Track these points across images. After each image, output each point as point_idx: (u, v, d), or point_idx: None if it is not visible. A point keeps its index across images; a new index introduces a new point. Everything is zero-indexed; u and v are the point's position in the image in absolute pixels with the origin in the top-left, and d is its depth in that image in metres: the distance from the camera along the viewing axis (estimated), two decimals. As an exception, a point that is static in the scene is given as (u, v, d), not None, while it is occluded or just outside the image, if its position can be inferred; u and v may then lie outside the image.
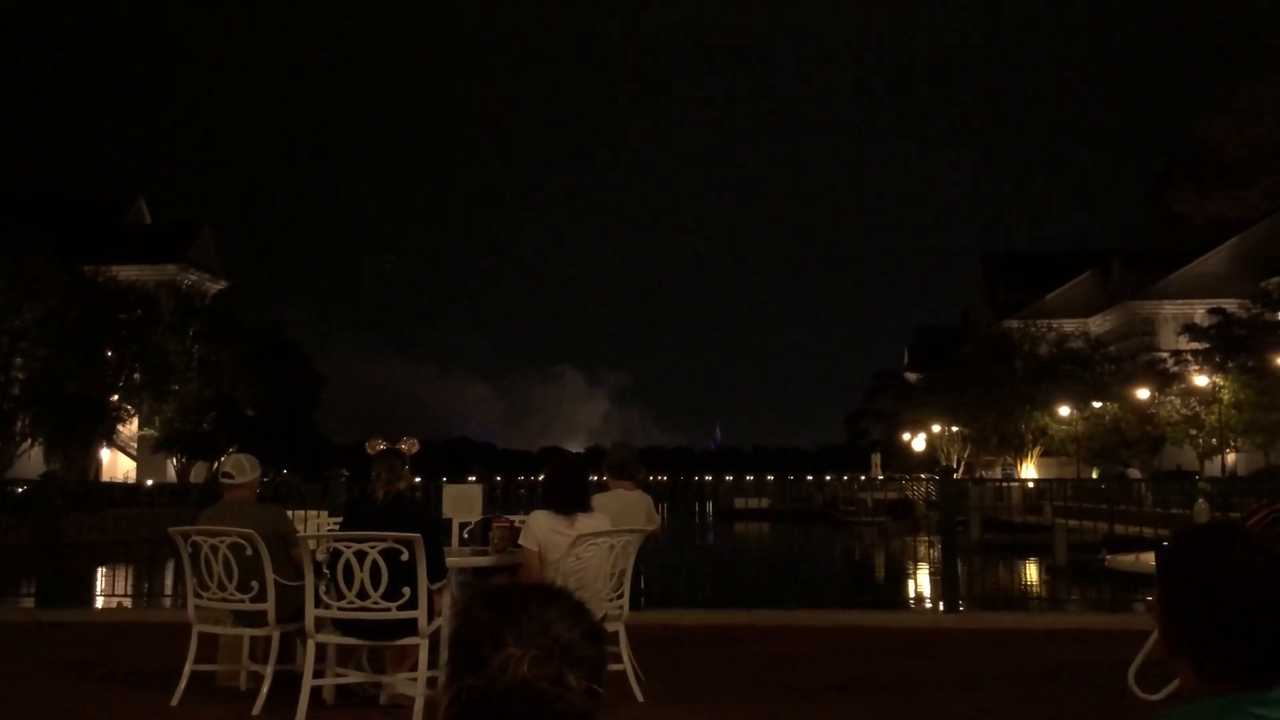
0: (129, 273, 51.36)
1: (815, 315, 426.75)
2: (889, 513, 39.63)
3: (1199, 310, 49.63)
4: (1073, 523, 27.19)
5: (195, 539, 5.94)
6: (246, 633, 6.04)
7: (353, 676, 5.82)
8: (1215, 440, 43.78)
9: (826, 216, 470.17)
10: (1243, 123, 36.67)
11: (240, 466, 6.40)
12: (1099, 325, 62.10)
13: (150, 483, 37.13)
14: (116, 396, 46.66)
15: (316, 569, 5.52)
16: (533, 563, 5.67)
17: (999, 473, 53.73)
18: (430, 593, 5.31)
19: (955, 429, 58.42)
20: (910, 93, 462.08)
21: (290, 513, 7.03)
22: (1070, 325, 58.36)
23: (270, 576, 5.77)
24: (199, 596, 5.98)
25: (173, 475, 49.30)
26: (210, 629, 6.08)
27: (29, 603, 10.29)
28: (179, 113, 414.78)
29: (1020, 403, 51.70)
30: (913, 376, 75.43)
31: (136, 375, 47.29)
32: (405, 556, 5.24)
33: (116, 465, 52.99)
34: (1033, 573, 26.86)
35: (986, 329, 65.03)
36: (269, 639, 5.81)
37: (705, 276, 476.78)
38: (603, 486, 6.94)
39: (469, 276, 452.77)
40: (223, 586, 5.84)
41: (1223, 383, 42.72)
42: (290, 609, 5.74)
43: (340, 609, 5.36)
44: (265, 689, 5.63)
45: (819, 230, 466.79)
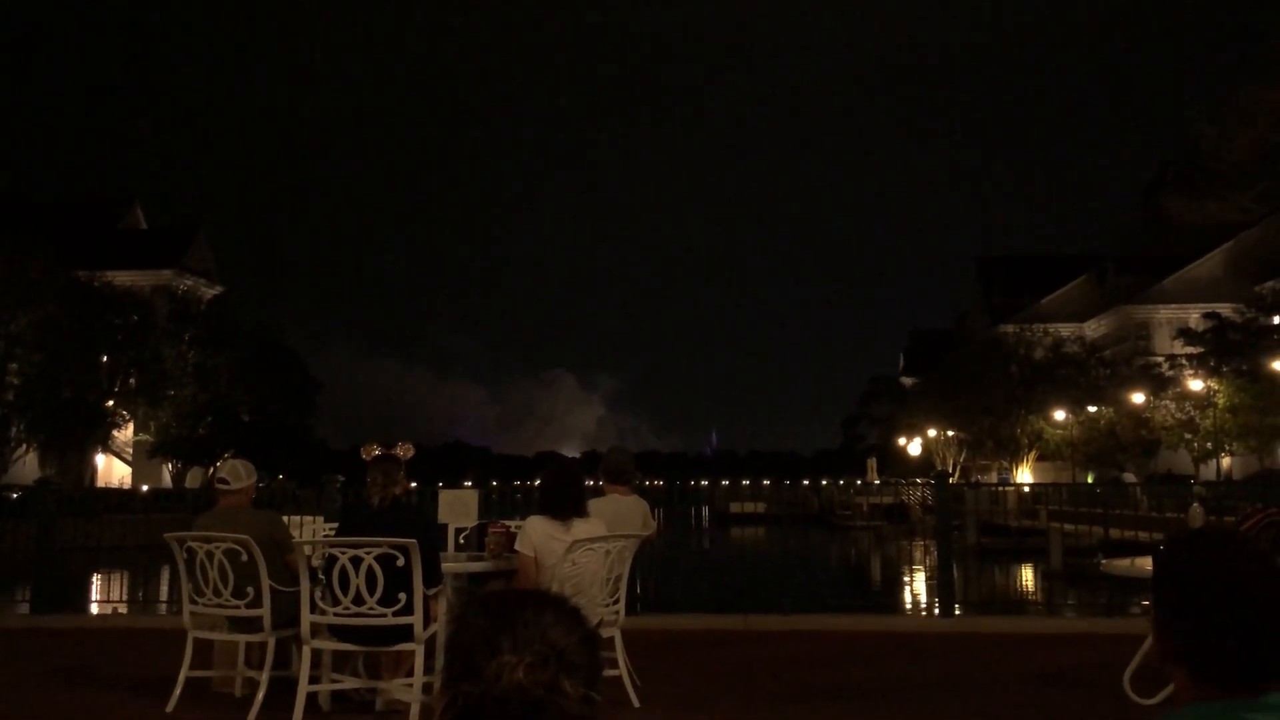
0: (124, 278, 51.31)
1: (811, 319, 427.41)
2: (885, 517, 39.49)
3: (1194, 314, 49.65)
4: (1068, 527, 27.25)
5: (191, 545, 5.93)
6: (242, 638, 6.03)
7: (348, 682, 5.81)
8: (1210, 444, 43.82)
9: (822, 220, 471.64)
10: (1236, 127, 36.71)
11: (236, 472, 6.40)
12: (1094, 329, 62.18)
13: (146, 488, 36.94)
14: (112, 401, 46.60)
15: (312, 574, 5.50)
16: (529, 568, 5.67)
17: (994, 477, 53.70)
18: (426, 598, 5.31)
19: (951, 433, 58.47)
20: (907, 96, 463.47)
21: (286, 518, 7.03)
22: (1065, 329, 58.52)
23: (266, 582, 5.77)
24: (194, 602, 5.97)
25: (168, 480, 49.20)
26: (206, 635, 6.07)
27: (24, 609, 10.27)
28: (174, 118, 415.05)
29: (1015, 407, 51.77)
30: (908, 381, 75.57)
31: (132, 380, 47.23)
32: (401, 562, 5.24)
33: (112, 470, 52.87)
34: (1028, 577, 26.86)
35: (982, 333, 65.15)
36: (264, 645, 5.80)
37: (700, 280, 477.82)
38: (598, 491, 6.94)
39: (463, 280, 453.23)
40: (218, 592, 5.84)
41: (1217, 387, 42.78)
42: (286, 614, 5.73)
43: (336, 614, 5.35)
44: (261, 695, 5.62)
45: (814, 234, 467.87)
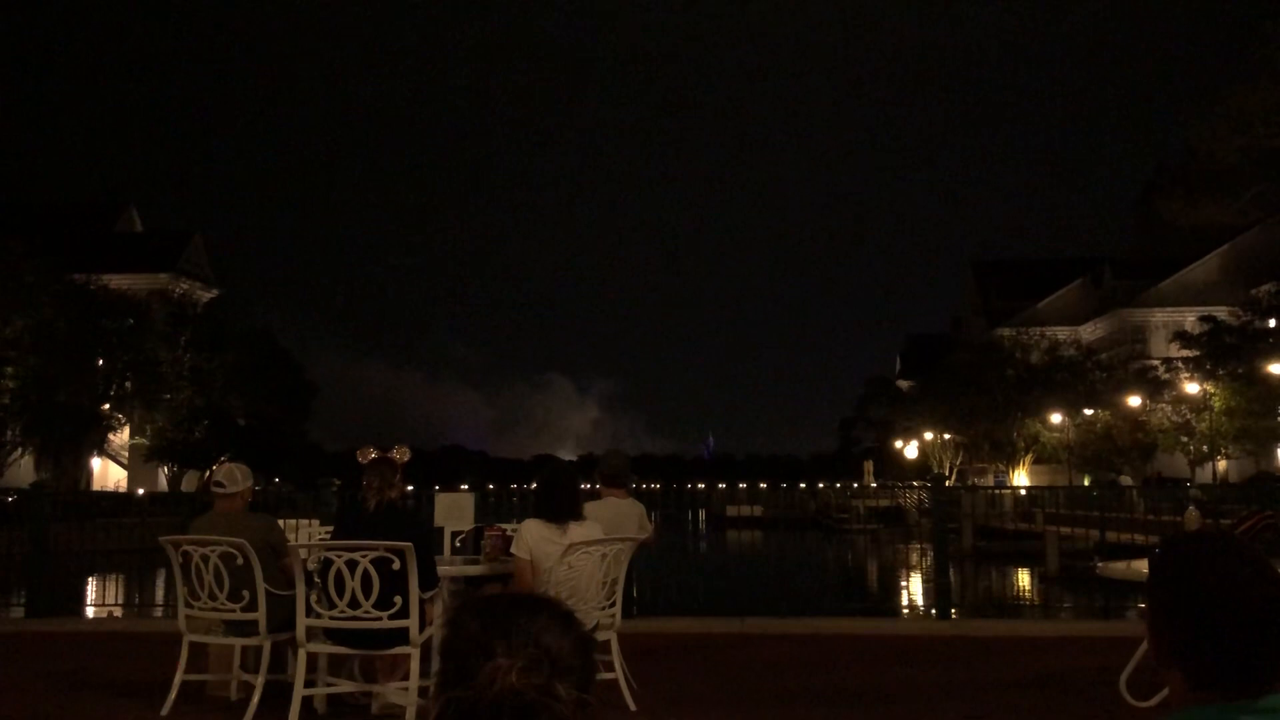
0: (120, 281, 51.31)
1: (807, 322, 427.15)
2: (881, 520, 39.55)
3: (1190, 318, 49.78)
4: (1064, 530, 27.22)
5: (186, 548, 5.92)
6: (237, 642, 6.02)
7: (344, 686, 5.80)
8: (1206, 447, 43.91)
9: (819, 223, 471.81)
10: (1231, 130, 36.76)
11: (232, 475, 6.39)
12: (1090, 333, 62.32)
13: (141, 492, 36.87)
14: (107, 405, 46.57)
15: (308, 578, 5.49)
16: (525, 571, 5.66)
17: (991, 480, 53.81)
18: (422, 602, 5.30)
19: (947, 436, 58.58)
20: (904, 99, 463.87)
21: (282, 522, 7.01)
22: (1061, 333, 58.70)
23: (261, 586, 5.75)
24: (190, 606, 5.95)
25: (164, 484, 49.19)
26: (201, 638, 6.05)
27: (19, 613, 10.26)
28: (170, 122, 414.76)
29: (1012, 410, 51.91)
30: (905, 384, 75.62)
31: (128, 384, 47.20)
32: (397, 565, 5.23)
33: (107, 474, 52.81)
34: (1025, 580, 26.87)
35: (978, 336, 65.28)
36: (260, 648, 5.80)
37: (696, 282, 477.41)
38: (595, 495, 6.93)
39: (459, 284, 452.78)
40: (214, 596, 5.82)
41: (1213, 390, 42.88)
42: (281, 618, 5.72)
43: (332, 618, 5.34)
44: (256, 699, 5.60)
45: (811, 237, 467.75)
